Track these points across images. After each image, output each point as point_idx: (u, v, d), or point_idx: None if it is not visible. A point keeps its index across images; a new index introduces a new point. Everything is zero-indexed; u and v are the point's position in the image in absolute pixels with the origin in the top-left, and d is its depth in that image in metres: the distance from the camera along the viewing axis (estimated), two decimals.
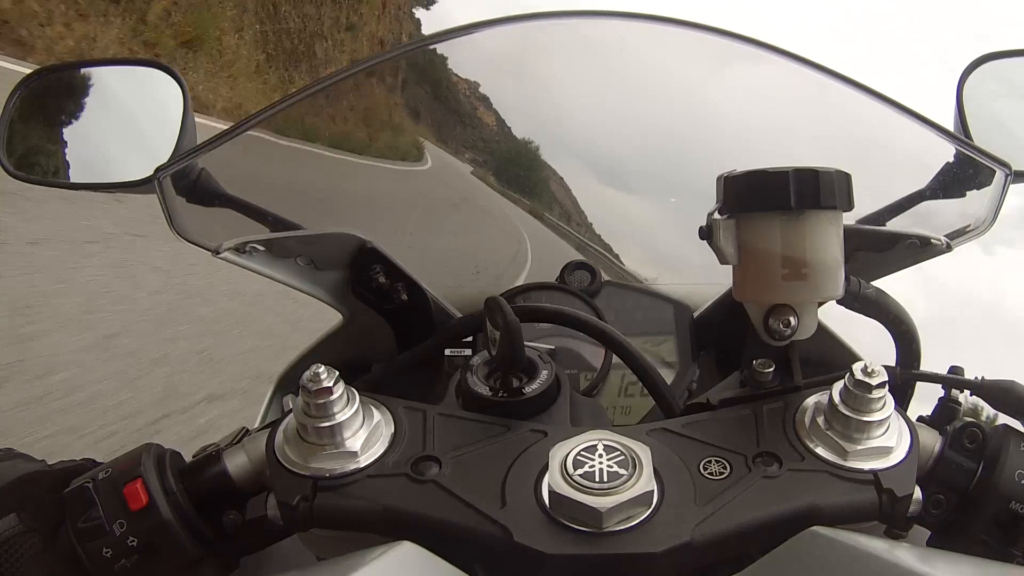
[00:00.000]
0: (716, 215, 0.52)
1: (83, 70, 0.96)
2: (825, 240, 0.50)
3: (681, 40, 0.80)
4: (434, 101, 1.42)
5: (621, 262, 1.18)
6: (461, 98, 1.34)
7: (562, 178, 1.23)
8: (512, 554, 0.43)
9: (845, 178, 0.50)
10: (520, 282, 0.92)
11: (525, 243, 1.37)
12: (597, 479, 0.44)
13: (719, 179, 0.52)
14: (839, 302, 0.58)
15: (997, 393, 0.57)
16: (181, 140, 0.82)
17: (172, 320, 3.77)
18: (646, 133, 1.15)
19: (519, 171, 1.25)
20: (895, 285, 0.74)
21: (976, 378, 0.58)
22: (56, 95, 0.95)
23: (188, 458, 0.54)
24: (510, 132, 1.26)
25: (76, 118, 0.95)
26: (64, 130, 0.94)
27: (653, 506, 0.44)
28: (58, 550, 0.48)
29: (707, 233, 0.52)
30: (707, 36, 0.78)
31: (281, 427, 0.50)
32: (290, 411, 0.50)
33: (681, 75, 1.00)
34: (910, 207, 0.83)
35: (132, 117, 0.95)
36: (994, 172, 0.73)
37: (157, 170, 0.71)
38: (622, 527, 0.43)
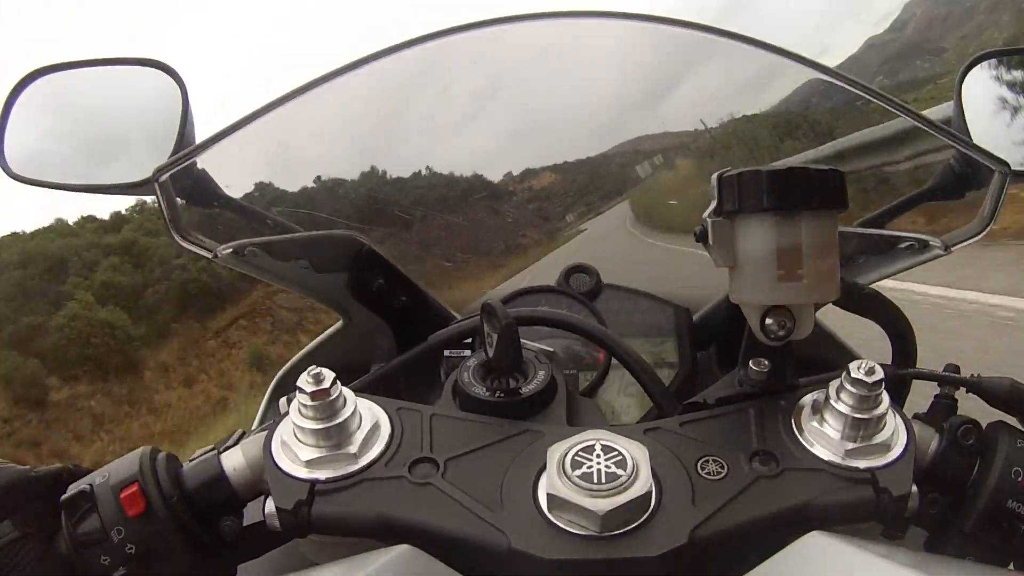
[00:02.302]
0: (711, 216, 0.52)
1: (82, 70, 0.95)
2: (820, 241, 0.50)
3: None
4: None
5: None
6: None
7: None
8: (509, 559, 0.43)
9: (839, 177, 0.50)
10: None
11: None
12: (595, 480, 0.44)
13: (714, 178, 0.52)
14: (834, 302, 0.57)
15: (994, 390, 0.56)
16: (180, 140, 0.81)
17: None
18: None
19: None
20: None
21: (972, 376, 0.58)
22: (55, 95, 0.95)
23: (185, 461, 0.53)
24: None
25: (75, 118, 0.95)
26: (63, 130, 0.93)
27: (651, 508, 0.44)
28: (55, 556, 0.47)
29: (703, 235, 0.52)
30: (710, 37, 0.78)
31: (278, 430, 0.50)
32: (287, 414, 0.50)
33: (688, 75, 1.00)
34: (909, 209, 0.83)
35: (131, 117, 0.94)
36: (992, 172, 0.73)
37: (156, 171, 0.70)
38: (620, 530, 0.43)
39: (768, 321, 0.52)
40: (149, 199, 0.74)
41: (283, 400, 0.54)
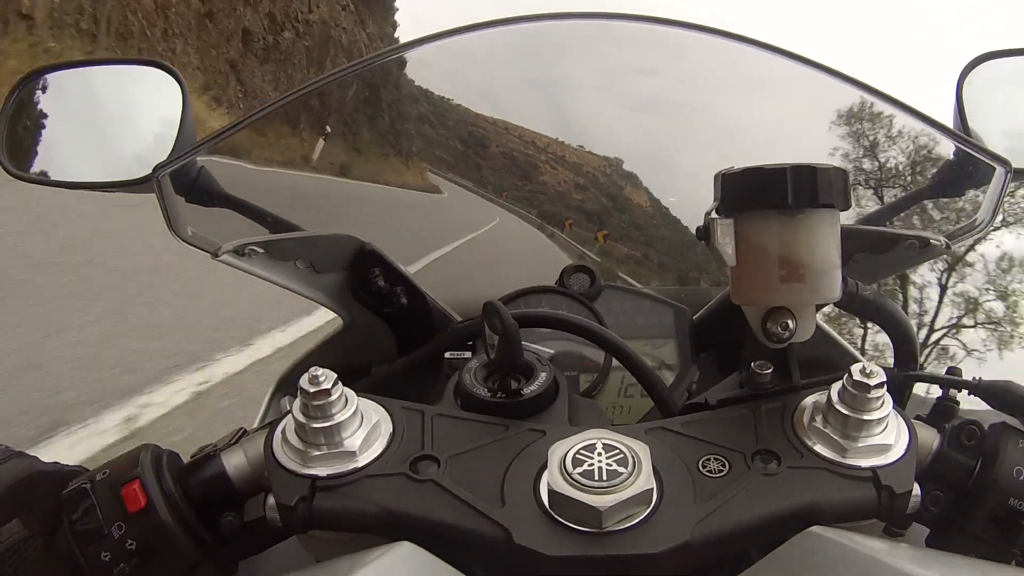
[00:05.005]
0: (713, 215, 0.51)
1: (82, 69, 0.95)
2: (822, 240, 0.50)
3: (683, 42, 0.80)
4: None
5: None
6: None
7: None
8: (511, 555, 0.43)
9: (842, 176, 0.49)
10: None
11: None
12: (596, 477, 0.44)
13: (716, 177, 0.51)
14: (836, 304, 0.57)
15: (994, 393, 0.57)
16: (180, 139, 0.82)
17: None
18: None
19: None
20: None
21: (973, 379, 0.58)
22: (55, 94, 0.95)
23: (186, 459, 0.53)
24: None
25: (76, 117, 0.95)
26: (63, 129, 0.93)
27: (652, 505, 0.44)
28: (57, 553, 0.47)
29: (704, 234, 0.51)
30: (706, 37, 0.78)
31: (279, 428, 0.50)
32: (288, 412, 0.50)
33: (682, 75, 1.00)
34: (910, 207, 0.83)
35: (131, 116, 0.94)
36: (993, 170, 0.73)
37: (156, 168, 0.70)
38: (622, 527, 0.43)
39: (769, 323, 0.52)
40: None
41: (285, 399, 0.54)
